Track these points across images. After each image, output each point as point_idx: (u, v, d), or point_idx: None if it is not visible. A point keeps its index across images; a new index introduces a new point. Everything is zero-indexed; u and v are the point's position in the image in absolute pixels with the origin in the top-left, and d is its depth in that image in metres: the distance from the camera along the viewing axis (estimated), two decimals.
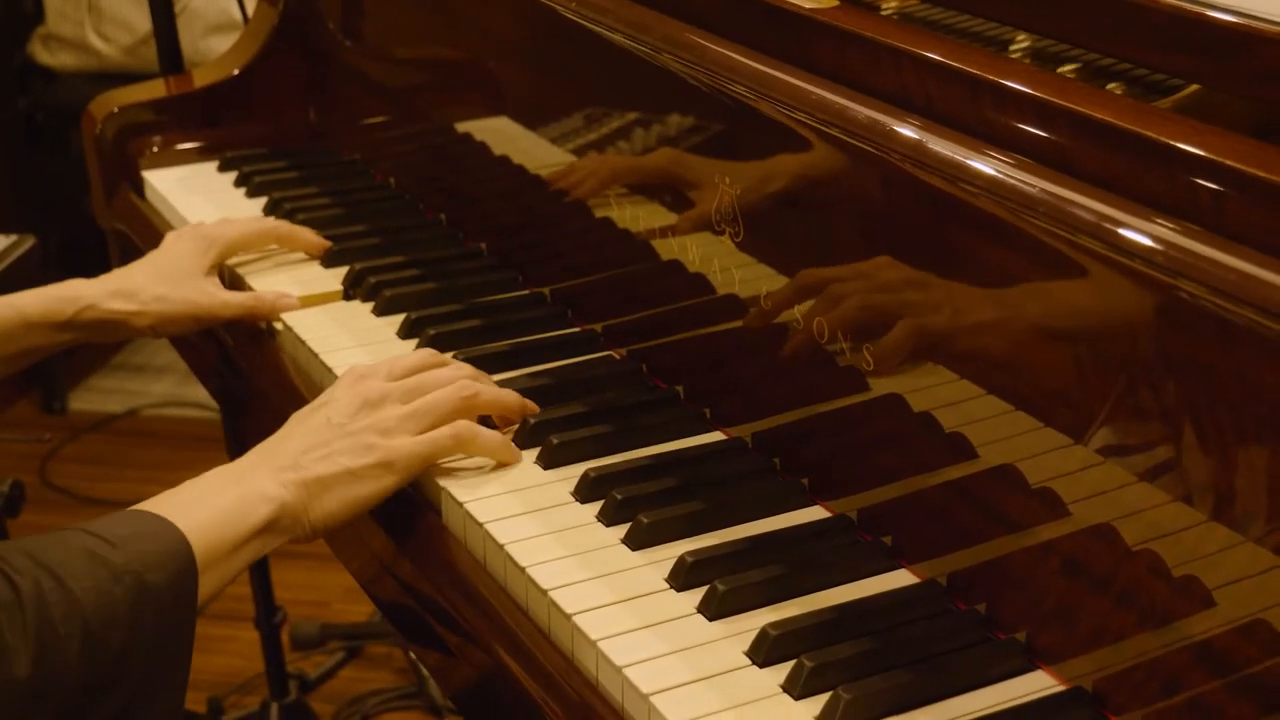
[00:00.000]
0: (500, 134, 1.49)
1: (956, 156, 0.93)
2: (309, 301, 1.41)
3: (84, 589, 0.94)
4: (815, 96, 1.03)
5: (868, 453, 1.10)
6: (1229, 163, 0.79)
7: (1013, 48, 1.03)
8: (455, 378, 1.18)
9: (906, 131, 0.97)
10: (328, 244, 1.50)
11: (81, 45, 3.10)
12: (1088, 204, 0.85)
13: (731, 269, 1.18)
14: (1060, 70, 0.97)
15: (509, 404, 1.20)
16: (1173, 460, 0.85)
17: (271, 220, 1.53)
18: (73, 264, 2.40)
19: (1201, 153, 0.81)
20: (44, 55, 3.14)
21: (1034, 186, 0.88)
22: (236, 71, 1.79)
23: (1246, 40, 0.84)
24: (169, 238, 1.46)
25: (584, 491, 1.12)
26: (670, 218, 1.24)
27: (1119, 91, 0.94)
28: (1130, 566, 0.90)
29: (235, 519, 1.06)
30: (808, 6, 1.08)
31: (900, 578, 1.05)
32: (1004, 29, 1.05)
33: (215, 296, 1.40)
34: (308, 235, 1.50)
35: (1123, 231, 0.83)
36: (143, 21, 3.03)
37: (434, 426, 1.14)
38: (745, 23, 1.13)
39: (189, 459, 2.22)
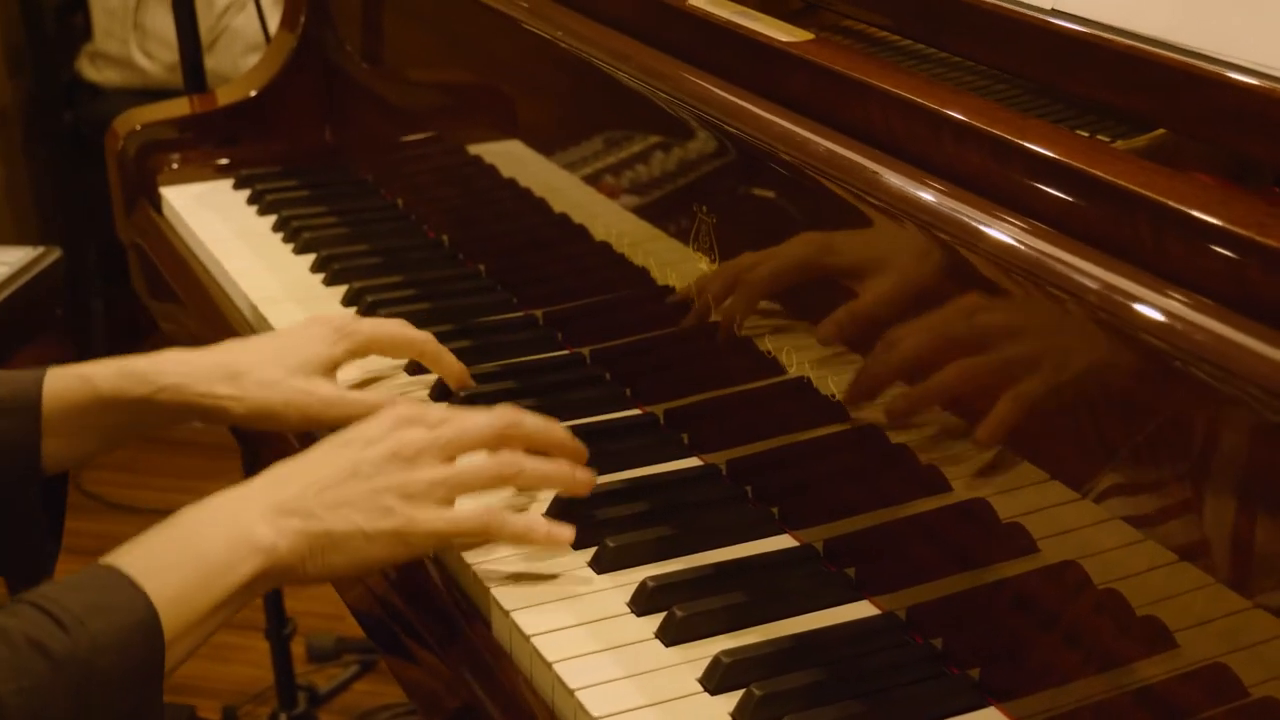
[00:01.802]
0: (511, 157, 1.50)
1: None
2: None
3: (10, 692, 0.87)
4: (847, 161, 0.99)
5: (837, 483, 1.10)
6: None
7: None
8: (497, 432, 1.08)
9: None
10: (472, 384, 1.28)
11: (126, 62, 3.14)
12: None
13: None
14: None
15: (552, 475, 1.09)
16: (1147, 501, 0.84)
17: (423, 335, 1.28)
18: (114, 274, 2.43)
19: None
20: (91, 72, 3.18)
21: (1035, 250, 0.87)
22: (254, 93, 1.80)
23: (1193, 80, 0.83)
24: (302, 321, 1.29)
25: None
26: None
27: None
28: (1094, 607, 0.89)
29: (218, 575, 0.97)
30: (783, 39, 1.07)
31: (861, 609, 1.04)
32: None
33: (334, 391, 1.20)
34: (454, 363, 1.27)
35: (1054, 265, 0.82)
36: None
37: (464, 494, 1.05)
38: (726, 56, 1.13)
39: (221, 468, 2.24)
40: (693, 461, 1.20)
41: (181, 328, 1.65)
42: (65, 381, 1.16)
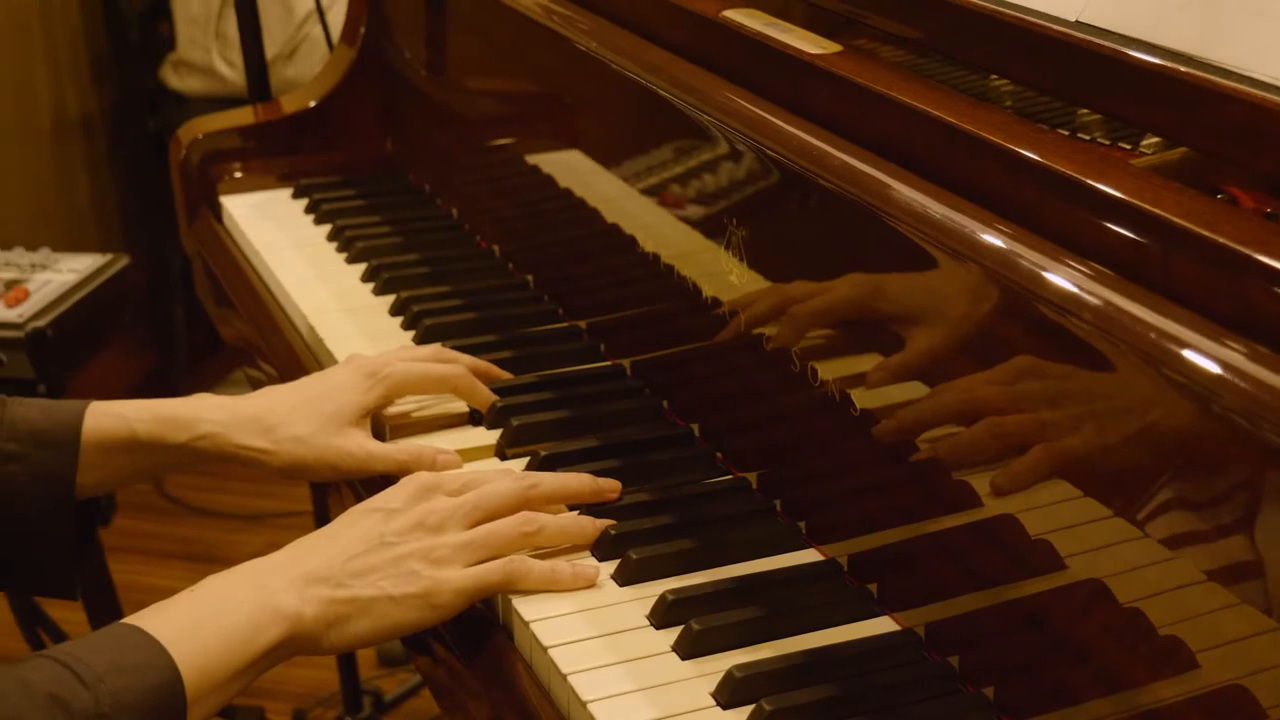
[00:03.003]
0: (569, 167, 1.50)
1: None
2: (463, 456, 1.23)
3: None
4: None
5: (866, 498, 1.10)
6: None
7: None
8: (518, 496, 1.11)
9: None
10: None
11: (209, 71, 3.20)
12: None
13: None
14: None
15: (571, 531, 1.11)
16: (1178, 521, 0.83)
17: (455, 370, 1.29)
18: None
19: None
20: (174, 80, 3.24)
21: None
22: (313, 103, 1.83)
23: (1206, 96, 0.82)
24: (337, 365, 1.31)
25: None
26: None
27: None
28: (1115, 625, 0.88)
29: (242, 643, 0.98)
30: (812, 52, 1.08)
31: (881, 625, 1.04)
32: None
33: (363, 447, 1.21)
34: (487, 395, 1.29)
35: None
36: (267, 48, 3.11)
37: (489, 558, 1.07)
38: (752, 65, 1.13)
39: None
40: (724, 475, 1.21)
41: (241, 336, 1.68)
42: (105, 421, 1.19)
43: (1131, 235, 0.82)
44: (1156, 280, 0.80)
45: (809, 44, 1.10)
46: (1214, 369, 0.74)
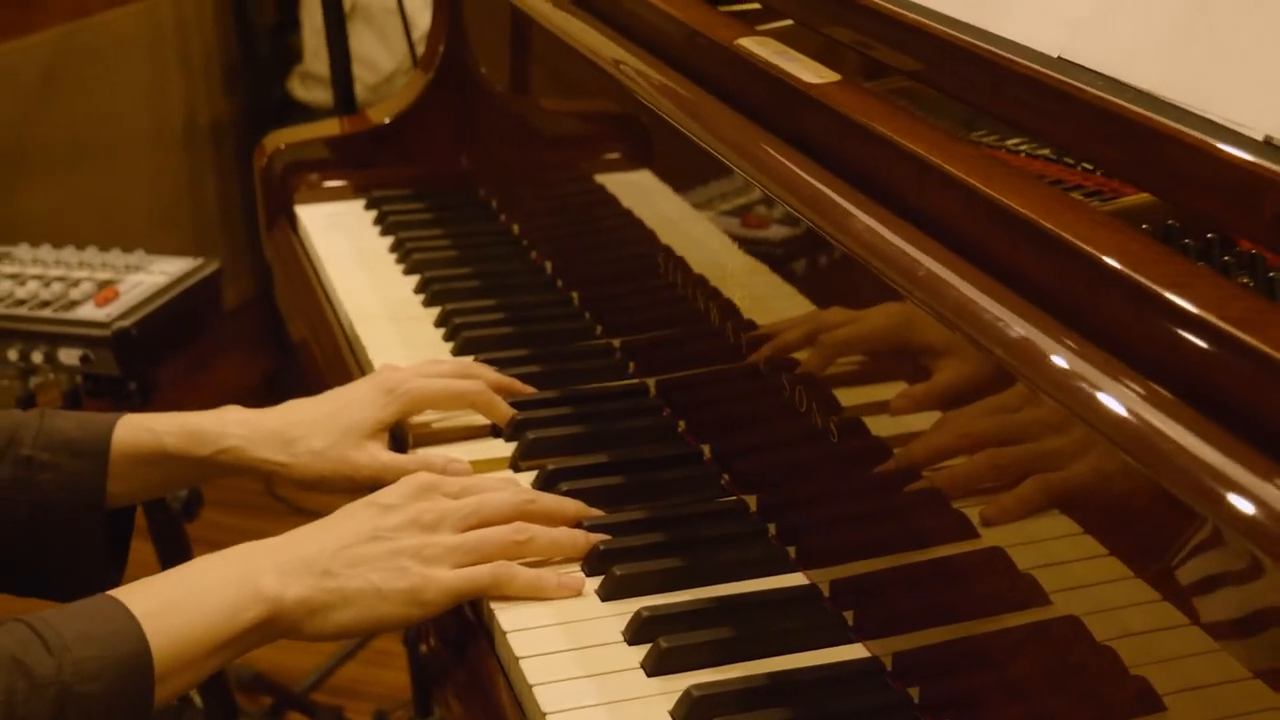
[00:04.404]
0: (636, 188, 1.52)
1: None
2: (479, 467, 1.26)
3: None
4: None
5: (858, 525, 1.10)
6: None
7: None
8: (515, 508, 1.13)
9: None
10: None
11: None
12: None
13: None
14: None
15: (567, 547, 1.13)
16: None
17: (473, 385, 1.31)
18: None
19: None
20: (300, 91, 3.33)
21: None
22: (388, 120, 1.88)
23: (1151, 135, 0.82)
24: (359, 380, 1.33)
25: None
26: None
27: None
28: (1086, 664, 0.87)
29: (220, 621, 1.01)
30: (807, 79, 1.09)
31: (850, 652, 1.04)
32: None
33: (377, 459, 1.24)
34: (506, 410, 1.31)
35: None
36: (387, 62, 3.19)
37: (479, 563, 1.09)
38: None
39: None
40: (727, 496, 1.22)
41: (302, 338, 1.72)
42: (135, 434, 1.24)
43: (1068, 272, 0.81)
44: (1089, 320, 0.80)
45: (810, 73, 1.10)
46: (1121, 412, 0.74)
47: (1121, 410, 0.74)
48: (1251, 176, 0.75)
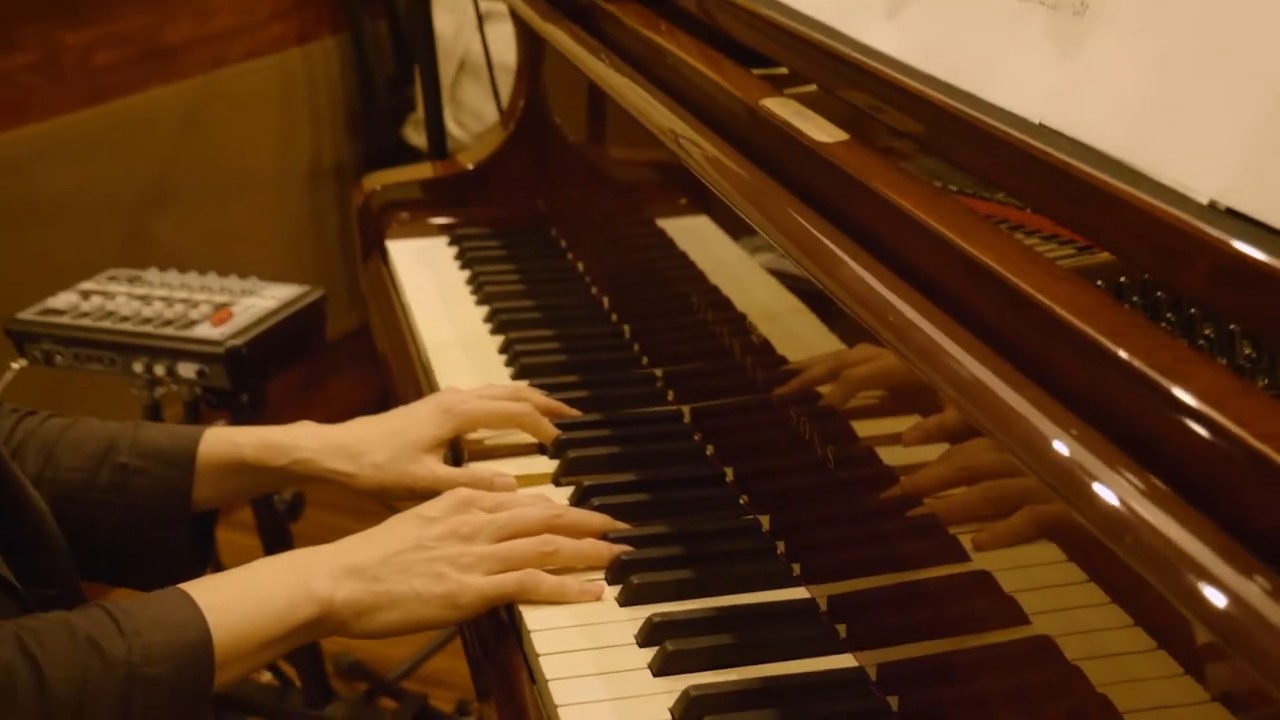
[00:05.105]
0: (693, 232, 1.53)
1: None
2: (524, 481, 1.29)
3: (62, 679, 0.94)
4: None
5: (858, 546, 1.10)
6: None
7: None
8: (544, 522, 1.15)
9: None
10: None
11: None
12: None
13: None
14: None
15: (591, 557, 1.15)
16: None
17: (522, 408, 1.34)
18: None
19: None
20: (414, 137, 3.38)
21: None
22: (472, 166, 1.91)
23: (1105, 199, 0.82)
24: (421, 400, 1.36)
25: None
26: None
27: None
28: (1055, 683, 0.87)
29: (276, 617, 1.04)
30: (819, 138, 1.09)
31: (840, 661, 1.04)
32: None
33: (432, 472, 1.27)
34: (550, 430, 1.34)
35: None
36: (492, 113, 3.22)
37: (509, 570, 1.11)
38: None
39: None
40: (744, 515, 1.22)
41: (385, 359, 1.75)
42: (218, 445, 1.27)
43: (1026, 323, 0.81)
44: (1043, 365, 0.80)
45: (823, 132, 1.11)
46: (1062, 455, 0.74)
47: (1065, 452, 0.74)
48: (1188, 238, 0.75)
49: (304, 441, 1.28)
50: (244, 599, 1.05)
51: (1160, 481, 0.68)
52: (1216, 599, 0.62)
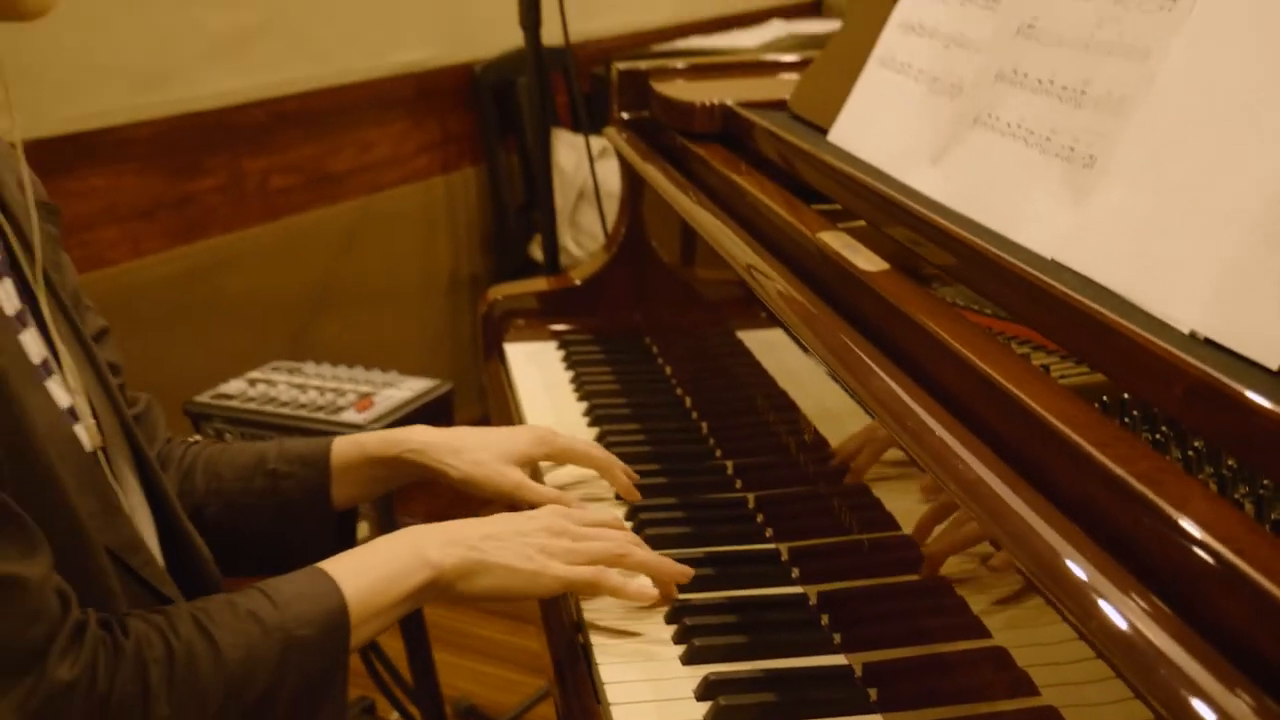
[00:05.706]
0: (769, 344, 1.55)
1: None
2: None
3: (232, 645, 0.98)
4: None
5: (898, 622, 1.10)
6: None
7: None
8: (620, 539, 1.20)
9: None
10: (636, 495, 1.41)
11: (563, 250, 3.40)
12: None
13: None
14: None
15: (656, 566, 1.18)
16: None
17: (605, 455, 1.41)
18: None
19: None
20: (538, 254, 3.45)
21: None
22: (579, 282, 1.96)
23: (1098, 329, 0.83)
24: (521, 425, 1.42)
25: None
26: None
27: None
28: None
29: (395, 581, 1.08)
30: (864, 267, 1.12)
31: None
32: None
33: (520, 477, 1.33)
34: (624, 481, 1.40)
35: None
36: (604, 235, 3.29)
37: (588, 564, 1.16)
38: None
39: None
40: (793, 588, 1.24)
41: None
42: (347, 445, 1.34)
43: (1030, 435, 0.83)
44: (1040, 471, 0.81)
45: (868, 262, 1.14)
46: (1048, 547, 0.75)
47: (1052, 545, 0.75)
48: (1166, 364, 0.76)
49: (415, 434, 1.34)
50: (369, 569, 1.08)
51: (1130, 573, 0.69)
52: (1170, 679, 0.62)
